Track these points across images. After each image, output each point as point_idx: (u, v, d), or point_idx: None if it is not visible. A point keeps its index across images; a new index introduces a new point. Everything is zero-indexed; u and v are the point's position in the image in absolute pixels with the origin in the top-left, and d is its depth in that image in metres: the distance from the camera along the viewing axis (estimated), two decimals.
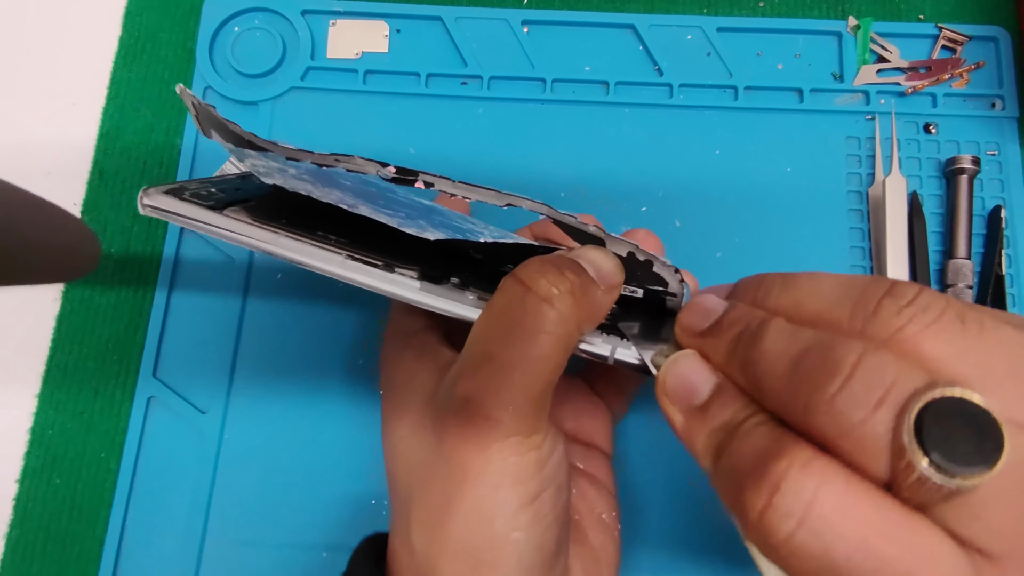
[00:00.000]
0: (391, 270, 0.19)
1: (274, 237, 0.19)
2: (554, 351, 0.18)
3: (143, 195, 0.19)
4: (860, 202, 0.33)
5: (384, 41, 0.35)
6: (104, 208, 0.34)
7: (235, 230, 0.19)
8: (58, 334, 0.32)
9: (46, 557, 0.30)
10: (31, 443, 0.31)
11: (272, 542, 0.30)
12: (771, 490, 0.14)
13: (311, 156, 0.20)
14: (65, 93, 0.35)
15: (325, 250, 0.19)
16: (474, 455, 0.18)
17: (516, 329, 0.18)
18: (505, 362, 0.17)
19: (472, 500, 0.18)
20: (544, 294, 0.18)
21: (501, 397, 0.18)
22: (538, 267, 0.18)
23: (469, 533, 0.18)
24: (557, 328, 0.18)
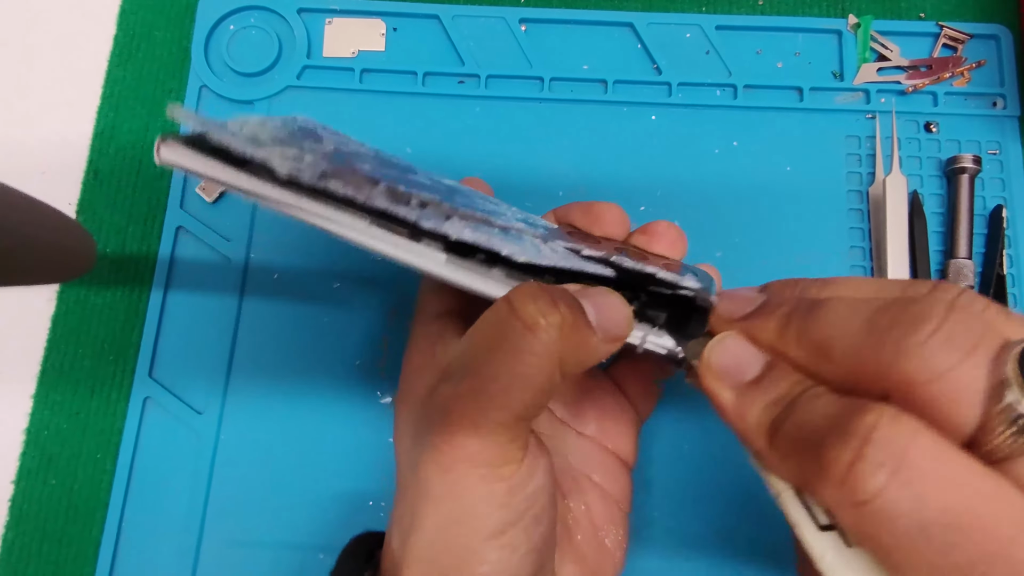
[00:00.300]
0: (417, 239, 0.18)
1: (296, 198, 0.18)
2: (533, 377, 0.17)
3: (160, 144, 0.18)
4: (860, 201, 0.33)
5: (381, 39, 0.35)
6: (99, 208, 0.33)
7: (257, 190, 0.18)
8: (53, 334, 0.32)
9: (42, 558, 0.30)
10: (27, 444, 0.31)
11: (268, 542, 0.30)
12: (861, 441, 0.13)
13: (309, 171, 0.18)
14: (60, 92, 0.35)
15: (349, 214, 0.18)
16: (437, 475, 0.17)
17: (497, 346, 0.17)
18: (481, 375, 0.17)
19: (435, 523, 0.17)
20: (529, 321, 0.17)
21: (468, 418, 0.17)
22: (531, 291, 0.17)
23: (435, 555, 0.17)
24: (535, 359, 0.17)
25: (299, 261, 0.32)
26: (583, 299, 0.18)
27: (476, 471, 0.17)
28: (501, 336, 0.17)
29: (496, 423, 0.17)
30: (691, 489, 0.30)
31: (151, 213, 0.33)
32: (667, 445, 0.30)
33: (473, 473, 0.17)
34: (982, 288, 0.31)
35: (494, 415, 0.17)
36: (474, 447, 0.17)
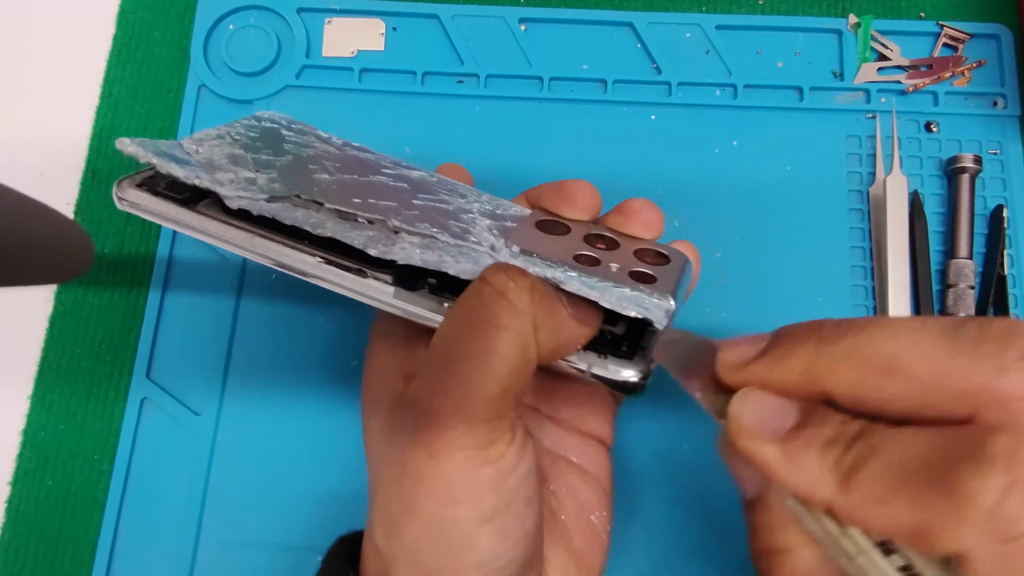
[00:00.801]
0: (364, 275, 0.19)
1: (247, 237, 0.19)
2: (507, 347, 0.17)
3: (117, 189, 0.19)
4: (861, 201, 0.33)
5: (380, 39, 0.35)
6: (97, 208, 0.33)
7: (207, 230, 0.19)
8: (51, 335, 0.32)
9: (39, 559, 0.30)
10: (23, 444, 0.31)
11: (266, 544, 0.29)
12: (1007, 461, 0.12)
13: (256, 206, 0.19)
14: (58, 92, 0.35)
15: (299, 251, 0.19)
16: (425, 463, 0.17)
17: (468, 322, 0.17)
18: (455, 356, 0.17)
19: (426, 512, 0.17)
20: (499, 285, 0.17)
21: (449, 396, 0.17)
22: (502, 264, 0.18)
23: (426, 544, 0.17)
24: (511, 322, 0.17)
25: None
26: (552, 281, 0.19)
27: (464, 453, 0.17)
28: (474, 311, 0.17)
29: (479, 400, 0.16)
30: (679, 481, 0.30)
31: None
32: (650, 434, 0.30)
33: (461, 456, 0.17)
34: (983, 289, 0.31)
35: (477, 391, 0.16)
36: (460, 429, 0.16)
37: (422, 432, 0.17)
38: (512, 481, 0.17)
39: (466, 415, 0.17)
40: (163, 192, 0.19)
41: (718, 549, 0.29)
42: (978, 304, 0.31)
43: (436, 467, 0.17)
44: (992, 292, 0.31)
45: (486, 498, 0.17)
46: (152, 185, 0.19)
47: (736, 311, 0.31)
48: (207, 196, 0.20)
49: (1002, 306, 0.31)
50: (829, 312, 0.31)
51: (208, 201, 0.19)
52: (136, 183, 0.19)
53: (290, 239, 0.19)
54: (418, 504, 0.17)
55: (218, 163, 0.20)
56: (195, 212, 0.19)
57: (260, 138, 0.23)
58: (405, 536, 0.18)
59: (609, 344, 0.19)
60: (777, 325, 0.33)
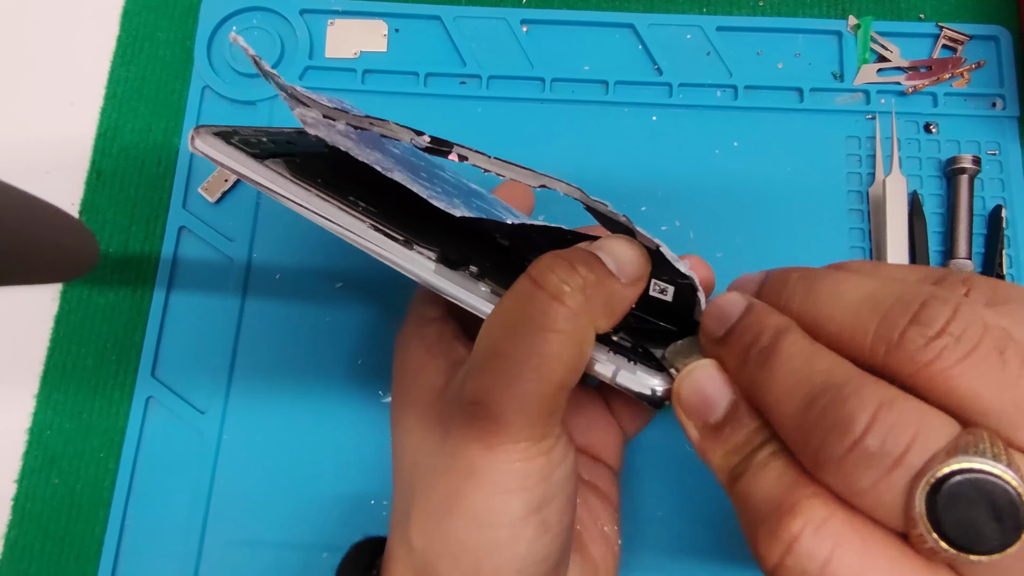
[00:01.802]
0: (410, 246, 0.19)
1: (305, 194, 0.19)
2: (564, 349, 0.17)
3: (195, 134, 0.19)
4: (860, 202, 0.33)
5: (383, 40, 0.35)
6: (102, 208, 0.34)
7: (268, 181, 0.19)
8: (56, 334, 0.32)
9: (45, 557, 0.30)
10: (29, 443, 0.31)
11: (271, 542, 0.30)
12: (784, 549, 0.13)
13: (346, 116, 0.20)
14: (63, 93, 0.35)
15: (351, 215, 0.19)
16: (480, 455, 0.17)
17: (525, 326, 0.17)
18: (514, 360, 0.17)
19: (475, 502, 0.18)
20: (554, 291, 0.17)
21: (510, 397, 0.17)
22: (549, 262, 0.18)
23: (471, 537, 0.18)
24: (567, 325, 0.17)
25: (301, 261, 0.33)
26: (596, 250, 0.18)
27: (521, 445, 0.17)
28: (527, 313, 0.17)
29: (536, 398, 0.17)
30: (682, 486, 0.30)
31: (154, 213, 0.33)
32: (650, 434, 0.30)
33: (518, 448, 0.17)
34: None
35: (535, 392, 0.17)
36: (518, 424, 0.17)
37: (478, 426, 0.17)
38: (559, 474, 0.18)
39: (525, 410, 0.17)
40: (235, 144, 0.20)
41: (718, 548, 0.29)
42: None
43: (491, 458, 0.17)
44: None
45: (535, 489, 0.18)
46: (226, 137, 0.20)
47: None
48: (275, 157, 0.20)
49: None
50: None
51: (276, 160, 0.20)
52: (213, 132, 0.20)
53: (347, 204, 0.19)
54: (467, 493, 0.18)
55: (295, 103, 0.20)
56: (262, 164, 0.19)
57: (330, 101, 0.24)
58: (449, 527, 0.18)
59: (640, 355, 0.19)
60: None
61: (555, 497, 0.18)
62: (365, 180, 0.20)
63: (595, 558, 0.22)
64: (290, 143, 0.23)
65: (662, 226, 0.33)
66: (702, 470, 0.30)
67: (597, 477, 0.24)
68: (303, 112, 0.20)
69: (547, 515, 0.18)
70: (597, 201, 0.19)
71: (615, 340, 0.19)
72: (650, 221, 0.33)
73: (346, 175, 0.20)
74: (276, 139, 0.22)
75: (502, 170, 0.19)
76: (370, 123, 0.20)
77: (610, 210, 0.19)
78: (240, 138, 0.21)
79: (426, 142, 0.19)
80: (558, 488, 0.18)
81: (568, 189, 0.19)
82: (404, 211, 0.20)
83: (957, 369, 0.13)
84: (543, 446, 0.18)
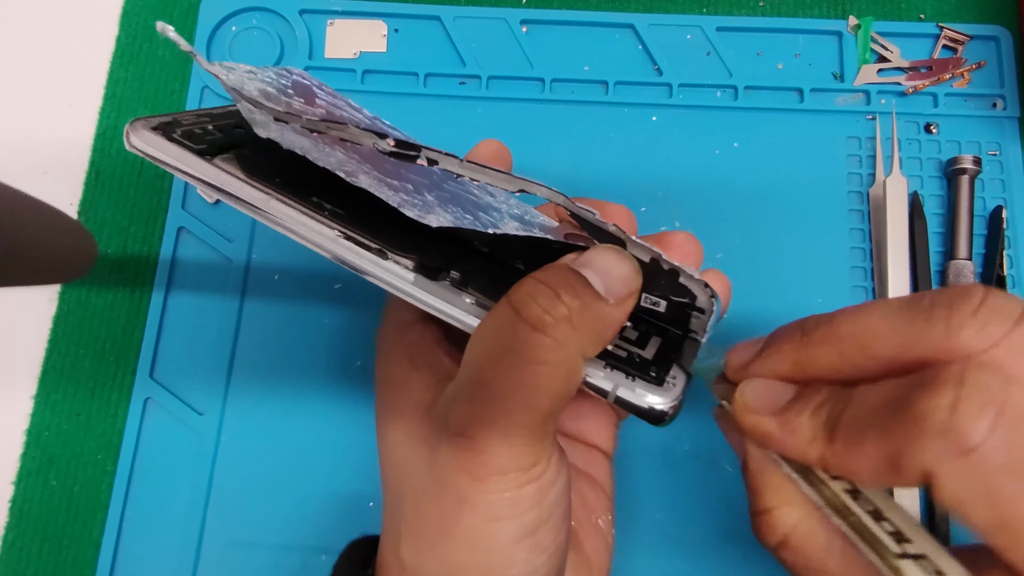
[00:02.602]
0: (384, 256, 0.18)
1: (264, 198, 0.17)
2: (551, 381, 0.16)
3: (129, 129, 0.17)
4: (861, 202, 0.33)
5: (382, 41, 0.35)
6: (101, 209, 0.33)
7: (222, 184, 0.17)
8: (54, 335, 0.32)
9: (42, 559, 0.30)
10: (27, 444, 0.31)
11: (269, 544, 0.29)
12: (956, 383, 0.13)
13: (300, 120, 0.18)
14: (62, 93, 0.35)
15: (318, 221, 0.17)
16: (468, 485, 0.17)
17: (508, 357, 0.16)
18: (498, 392, 0.16)
19: (467, 529, 0.17)
20: (536, 322, 0.16)
21: (495, 430, 0.16)
22: (530, 289, 0.17)
23: (465, 560, 0.17)
24: (552, 356, 0.16)
25: (300, 262, 0.32)
26: (582, 268, 0.17)
27: (509, 476, 0.17)
28: (510, 344, 0.16)
29: (524, 429, 0.16)
30: (679, 483, 0.30)
31: (153, 214, 0.33)
32: (650, 433, 0.30)
33: (507, 479, 0.17)
34: None
35: (522, 423, 0.16)
36: (505, 456, 0.17)
37: (464, 457, 0.17)
38: (552, 496, 0.18)
39: (511, 442, 0.16)
40: (178, 139, 0.18)
41: (718, 547, 0.29)
42: None
43: (480, 488, 0.17)
44: None
45: (528, 514, 0.17)
46: (167, 131, 0.18)
47: (737, 311, 0.31)
48: (224, 152, 0.18)
49: None
50: None
51: (226, 156, 0.18)
52: (151, 126, 0.18)
53: (311, 208, 0.18)
54: (459, 521, 0.17)
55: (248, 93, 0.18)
56: (210, 164, 0.17)
57: (292, 87, 0.21)
58: (442, 551, 0.17)
59: (638, 366, 0.18)
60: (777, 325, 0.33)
61: (549, 519, 0.18)
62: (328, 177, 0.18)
63: (588, 552, 0.21)
64: (239, 127, 0.20)
65: (662, 226, 0.33)
66: (700, 471, 0.30)
67: (591, 466, 0.23)
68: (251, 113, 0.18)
69: (541, 537, 0.18)
70: (583, 208, 0.17)
71: (608, 349, 0.18)
72: (650, 221, 0.33)
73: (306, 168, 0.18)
74: (222, 125, 0.20)
75: (476, 174, 0.18)
76: (327, 127, 0.18)
77: (597, 219, 0.17)
78: (183, 131, 0.18)
79: (390, 146, 0.18)
80: (551, 510, 0.18)
81: (551, 194, 0.17)
82: (373, 208, 0.18)
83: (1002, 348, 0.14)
84: (533, 473, 0.17)
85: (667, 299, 0.18)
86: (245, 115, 0.18)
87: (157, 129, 0.18)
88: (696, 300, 0.18)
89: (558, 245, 0.19)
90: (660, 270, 0.17)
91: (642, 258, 0.18)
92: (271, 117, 0.18)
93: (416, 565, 0.18)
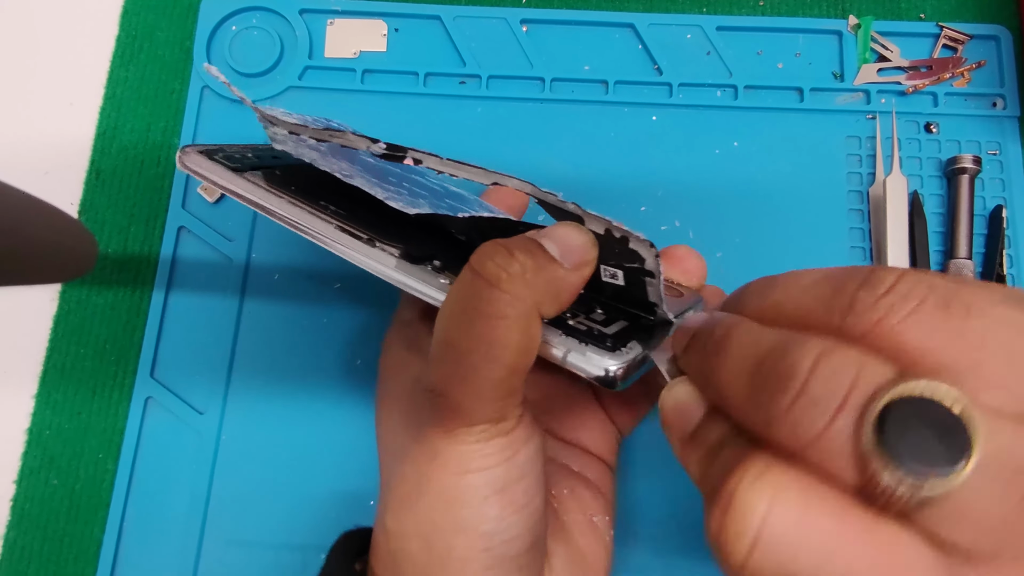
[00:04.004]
0: (372, 244, 0.20)
1: (276, 200, 0.21)
2: (510, 335, 0.17)
3: (181, 154, 0.22)
4: (861, 202, 0.33)
5: (382, 40, 0.35)
6: (101, 208, 0.33)
7: (243, 191, 0.21)
8: (55, 334, 0.32)
9: (43, 558, 0.30)
10: (28, 443, 0.31)
11: (270, 543, 0.30)
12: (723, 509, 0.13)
13: (307, 131, 0.21)
14: (62, 92, 0.35)
15: (319, 218, 0.21)
16: (440, 439, 0.18)
17: (470, 314, 0.17)
18: (464, 348, 0.17)
19: (440, 483, 0.18)
20: (492, 278, 0.17)
21: (463, 383, 0.17)
22: (487, 250, 0.18)
23: (438, 517, 0.18)
24: (510, 310, 0.17)
25: (300, 261, 0.33)
26: (540, 238, 0.18)
27: (477, 428, 0.18)
28: (470, 300, 0.17)
29: (489, 382, 0.17)
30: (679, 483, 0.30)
31: (153, 213, 0.33)
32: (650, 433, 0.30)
33: (475, 431, 0.18)
34: None
35: (486, 376, 0.17)
36: (473, 408, 0.18)
37: (439, 413, 0.18)
38: (523, 455, 0.19)
39: (479, 395, 0.17)
40: (218, 160, 0.22)
41: None
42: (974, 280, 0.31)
43: (451, 441, 0.18)
44: None
45: (496, 469, 0.18)
46: (210, 155, 0.22)
47: None
48: (256, 170, 0.22)
49: None
50: None
51: (255, 172, 0.22)
52: (198, 150, 0.22)
53: (316, 208, 0.21)
54: (432, 476, 0.18)
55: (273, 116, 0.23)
56: (239, 176, 0.22)
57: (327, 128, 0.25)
58: (418, 508, 0.18)
59: (595, 338, 0.19)
60: None
61: (521, 478, 0.19)
62: (339, 187, 0.21)
63: (582, 548, 0.22)
64: (276, 157, 0.24)
65: (662, 226, 0.33)
66: None
67: (587, 469, 0.24)
68: (274, 131, 0.22)
69: (513, 495, 0.18)
70: (547, 192, 0.19)
71: (571, 324, 0.19)
72: (650, 221, 0.33)
73: (321, 183, 0.22)
74: (261, 154, 0.24)
75: (455, 170, 0.20)
76: (329, 135, 0.21)
77: (558, 199, 0.19)
78: (224, 155, 0.23)
79: (382, 149, 0.21)
80: (523, 469, 0.19)
81: (519, 184, 0.20)
82: (375, 213, 0.21)
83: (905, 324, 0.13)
84: (502, 427, 0.18)
85: (622, 267, 0.20)
86: (268, 136, 0.22)
87: (203, 153, 0.22)
88: (645, 263, 0.19)
89: (523, 227, 0.21)
90: (613, 239, 0.19)
91: (597, 231, 0.19)
92: (286, 131, 0.21)
93: (398, 530, 0.19)
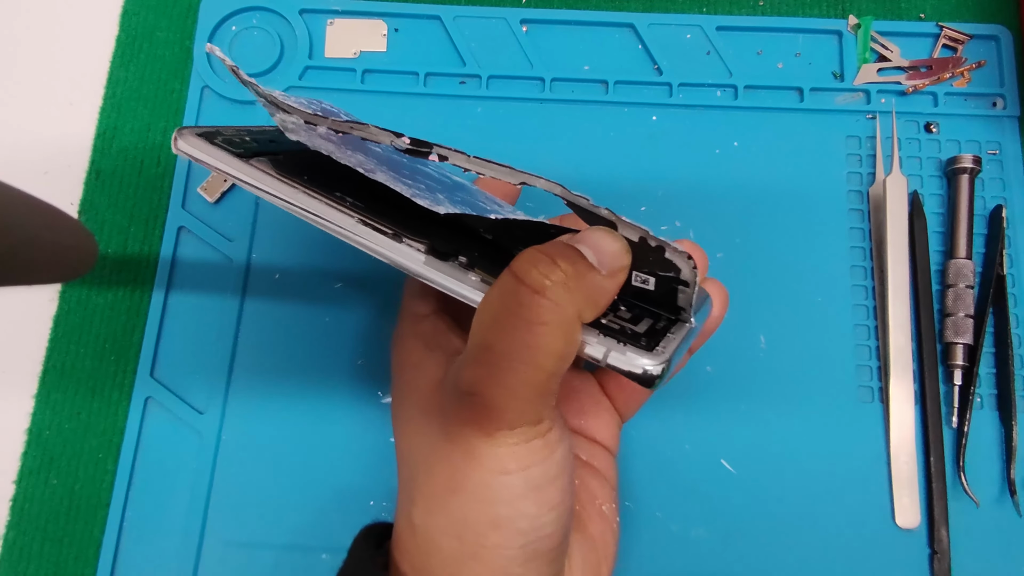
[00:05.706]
0: (399, 240, 0.20)
1: (292, 191, 0.20)
2: (552, 340, 0.18)
3: (177, 136, 0.20)
4: (861, 202, 0.33)
5: (382, 40, 0.35)
6: (101, 208, 0.33)
7: (256, 181, 0.20)
8: (55, 334, 0.32)
9: (43, 558, 0.30)
10: (28, 443, 0.31)
11: (270, 543, 0.29)
12: None
13: (327, 122, 0.20)
14: (62, 93, 0.35)
15: (339, 210, 0.20)
16: (479, 440, 0.18)
17: (512, 319, 0.18)
18: (504, 352, 0.18)
19: (476, 482, 0.18)
20: (536, 285, 0.18)
21: (503, 387, 0.18)
22: (530, 257, 0.18)
23: (473, 514, 0.18)
24: (552, 317, 0.17)
25: (301, 261, 0.33)
26: (577, 244, 0.19)
27: (517, 431, 0.18)
28: (512, 306, 0.18)
29: (529, 386, 0.18)
30: (679, 483, 0.30)
31: (153, 213, 0.33)
32: (650, 433, 0.30)
33: (515, 433, 0.18)
34: (982, 288, 0.31)
35: (527, 381, 0.18)
36: (513, 411, 0.18)
37: (477, 415, 0.18)
38: (558, 455, 0.19)
39: (519, 399, 0.18)
40: (220, 144, 0.20)
41: (718, 547, 0.29)
42: (977, 304, 0.31)
43: (490, 443, 0.18)
44: (991, 292, 0.31)
45: (534, 468, 0.18)
46: (210, 138, 0.21)
47: (737, 310, 0.31)
48: (259, 156, 0.21)
49: (1001, 305, 0.31)
50: (829, 311, 0.31)
51: (261, 159, 0.21)
52: (196, 133, 0.20)
53: (334, 200, 0.20)
54: (468, 474, 0.18)
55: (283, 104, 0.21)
56: (248, 163, 0.20)
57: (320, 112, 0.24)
58: (451, 507, 0.19)
59: (630, 337, 0.19)
60: (776, 324, 0.33)
61: (557, 477, 0.19)
62: (349, 176, 0.20)
63: (594, 535, 0.22)
64: (273, 141, 0.23)
65: (662, 226, 0.33)
66: (699, 469, 0.30)
67: (594, 457, 0.24)
68: (284, 118, 0.21)
69: (548, 494, 0.19)
70: (579, 196, 0.19)
71: (604, 323, 0.20)
72: (650, 221, 0.33)
73: (330, 171, 0.21)
74: (259, 138, 0.23)
75: (482, 168, 0.20)
76: (351, 127, 0.20)
77: (591, 204, 0.19)
78: (224, 138, 0.21)
79: (406, 144, 0.20)
80: (558, 469, 0.19)
81: (549, 185, 0.19)
82: (390, 205, 0.21)
83: None
84: (540, 428, 0.19)
85: (655, 275, 0.20)
86: (278, 122, 0.20)
87: (202, 136, 0.20)
88: (680, 273, 0.19)
89: (554, 230, 0.20)
90: (648, 247, 0.19)
91: (631, 237, 0.19)
92: (302, 121, 0.20)
93: (427, 526, 0.19)
